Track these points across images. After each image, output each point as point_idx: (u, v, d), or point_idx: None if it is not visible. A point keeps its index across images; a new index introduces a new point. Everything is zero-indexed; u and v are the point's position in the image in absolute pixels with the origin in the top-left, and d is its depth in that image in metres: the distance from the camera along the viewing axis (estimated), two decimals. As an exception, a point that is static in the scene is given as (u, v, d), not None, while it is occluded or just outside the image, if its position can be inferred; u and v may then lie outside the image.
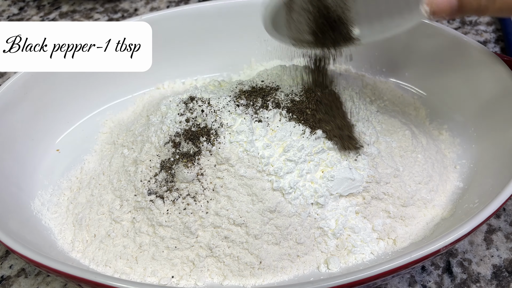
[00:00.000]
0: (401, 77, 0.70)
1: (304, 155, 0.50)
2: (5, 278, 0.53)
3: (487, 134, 0.58)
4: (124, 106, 0.68)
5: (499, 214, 0.57)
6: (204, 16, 0.70)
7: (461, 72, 0.63)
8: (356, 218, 0.51)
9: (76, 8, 0.97)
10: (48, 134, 0.62)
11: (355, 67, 0.72)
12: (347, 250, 0.50)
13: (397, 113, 0.62)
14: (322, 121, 0.52)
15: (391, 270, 0.41)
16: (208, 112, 0.52)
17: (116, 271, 0.48)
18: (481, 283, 0.51)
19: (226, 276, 0.48)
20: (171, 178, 0.50)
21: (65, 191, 0.57)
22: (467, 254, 0.54)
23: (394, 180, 0.53)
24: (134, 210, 0.51)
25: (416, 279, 0.51)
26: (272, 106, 0.54)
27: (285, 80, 0.58)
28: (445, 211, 0.53)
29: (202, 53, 0.72)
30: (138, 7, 0.96)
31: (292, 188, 0.49)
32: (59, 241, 0.51)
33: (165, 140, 0.52)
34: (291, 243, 0.49)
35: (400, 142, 0.56)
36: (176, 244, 0.49)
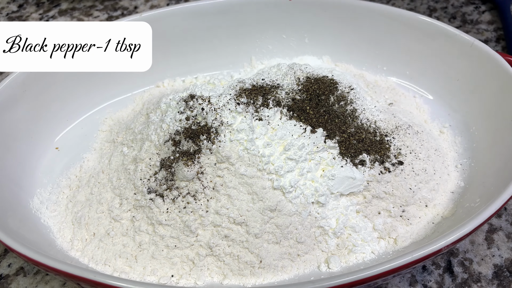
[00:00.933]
0: (402, 76, 0.70)
1: (305, 153, 0.50)
2: (4, 276, 0.52)
3: (488, 133, 0.58)
4: (124, 104, 0.68)
5: (500, 214, 0.57)
6: (204, 14, 0.69)
7: (463, 71, 0.63)
8: (357, 217, 0.51)
9: (76, 5, 0.96)
10: (47, 132, 0.62)
11: (355, 65, 0.72)
12: (347, 249, 0.50)
13: (398, 112, 0.62)
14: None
15: (392, 270, 0.40)
16: (208, 110, 0.52)
17: (116, 270, 0.48)
18: (482, 283, 0.51)
19: (226, 275, 0.48)
20: (171, 177, 0.50)
21: (64, 190, 0.56)
22: (468, 254, 0.53)
23: (395, 179, 0.52)
24: (134, 209, 0.51)
25: (417, 278, 0.51)
26: (272, 105, 0.54)
27: (286, 79, 0.58)
28: (446, 210, 0.53)
29: (202, 51, 0.72)
30: (138, 5, 0.96)
31: (293, 187, 0.49)
32: (58, 239, 0.51)
33: (165, 138, 0.52)
34: (291, 242, 0.49)
35: (401, 141, 0.56)
36: (176, 243, 0.48)
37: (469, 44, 0.61)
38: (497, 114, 0.57)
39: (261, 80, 0.58)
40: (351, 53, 0.72)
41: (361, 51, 0.71)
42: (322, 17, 0.70)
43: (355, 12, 0.69)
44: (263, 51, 0.73)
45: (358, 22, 0.69)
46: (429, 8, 0.91)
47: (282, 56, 0.74)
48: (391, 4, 0.92)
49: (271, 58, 0.73)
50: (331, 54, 0.72)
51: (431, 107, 0.66)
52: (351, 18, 0.69)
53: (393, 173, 0.53)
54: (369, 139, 0.54)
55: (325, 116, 0.54)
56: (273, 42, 0.73)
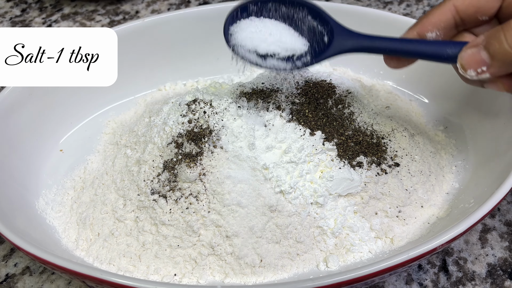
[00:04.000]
0: (398, 80, 0.71)
1: (304, 155, 0.51)
2: (10, 276, 0.54)
3: (482, 136, 0.59)
4: (127, 107, 0.69)
5: (493, 214, 0.58)
6: (205, 18, 0.71)
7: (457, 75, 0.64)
8: (355, 218, 0.52)
9: (78, 10, 0.98)
10: (52, 134, 0.63)
11: (352, 69, 0.74)
12: (345, 248, 0.51)
13: (394, 115, 0.63)
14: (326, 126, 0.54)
15: (388, 268, 0.42)
16: (210, 113, 0.53)
17: (120, 269, 0.49)
18: (476, 281, 0.52)
19: (227, 274, 0.49)
20: (173, 178, 0.51)
21: (69, 191, 0.58)
22: (462, 253, 0.55)
23: (392, 180, 0.54)
24: (137, 209, 0.52)
25: (413, 277, 0.53)
26: (272, 108, 0.55)
27: (285, 83, 0.59)
28: (441, 210, 0.54)
29: (203, 55, 0.73)
30: (140, 9, 0.97)
31: (292, 188, 0.50)
32: (63, 239, 0.52)
33: (168, 141, 0.53)
34: (291, 242, 0.50)
35: (398, 143, 0.57)
36: (179, 243, 0.49)
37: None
38: (491, 117, 0.59)
39: (261, 84, 0.60)
40: (349, 57, 0.72)
41: (358, 56, 0.72)
42: (321, 22, 0.71)
43: (352, 17, 0.70)
44: (263, 56, 0.75)
45: (355, 27, 0.70)
46: (424, 13, 0.93)
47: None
48: (387, 10, 0.93)
49: (271, 62, 0.74)
50: (329, 58, 0.74)
51: (427, 110, 0.67)
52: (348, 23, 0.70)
53: (390, 175, 0.54)
54: (366, 141, 0.56)
55: (324, 119, 0.55)
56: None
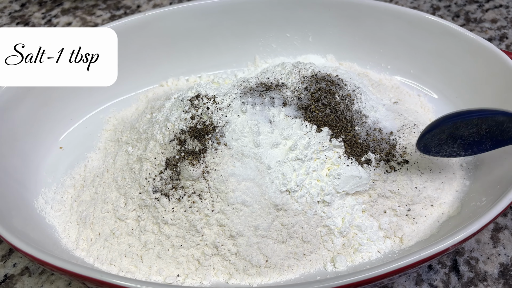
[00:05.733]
0: (406, 75, 0.70)
1: (310, 152, 0.50)
2: (9, 276, 0.52)
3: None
4: (128, 103, 0.68)
5: (506, 213, 0.57)
6: (207, 12, 0.69)
7: (467, 70, 0.63)
8: (363, 216, 0.51)
9: (78, 4, 0.96)
10: (51, 131, 0.62)
11: (359, 64, 0.72)
12: (353, 248, 0.50)
13: (403, 111, 0.61)
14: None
15: (398, 269, 0.40)
16: (213, 109, 0.52)
17: (121, 270, 0.48)
18: (488, 282, 0.50)
19: (232, 275, 0.48)
20: (176, 176, 0.50)
21: (69, 189, 0.56)
22: (474, 253, 0.53)
23: (401, 178, 0.52)
24: (139, 208, 0.51)
25: (423, 277, 0.51)
26: (278, 104, 0.54)
27: (291, 77, 0.58)
28: (451, 209, 0.53)
29: (205, 50, 0.72)
30: (141, 3, 0.96)
31: (299, 186, 0.49)
32: (63, 239, 0.51)
33: (170, 138, 0.52)
34: (297, 242, 0.49)
35: (407, 140, 0.56)
36: (182, 243, 0.48)
37: (475, 43, 0.61)
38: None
39: (265, 79, 0.58)
40: (355, 51, 0.71)
41: (365, 50, 0.71)
42: (326, 15, 0.70)
43: (359, 10, 0.69)
44: (267, 50, 0.73)
45: (362, 21, 0.69)
46: (432, 6, 0.91)
47: (286, 54, 0.73)
48: (394, 2, 0.92)
49: (275, 57, 0.73)
50: (335, 52, 0.72)
51: (436, 105, 0.66)
52: (355, 16, 0.69)
53: (399, 172, 0.53)
54: (375, 137, 0.54)
55: (331, 115, 0.53)
56: (276, 40, 0.73)
